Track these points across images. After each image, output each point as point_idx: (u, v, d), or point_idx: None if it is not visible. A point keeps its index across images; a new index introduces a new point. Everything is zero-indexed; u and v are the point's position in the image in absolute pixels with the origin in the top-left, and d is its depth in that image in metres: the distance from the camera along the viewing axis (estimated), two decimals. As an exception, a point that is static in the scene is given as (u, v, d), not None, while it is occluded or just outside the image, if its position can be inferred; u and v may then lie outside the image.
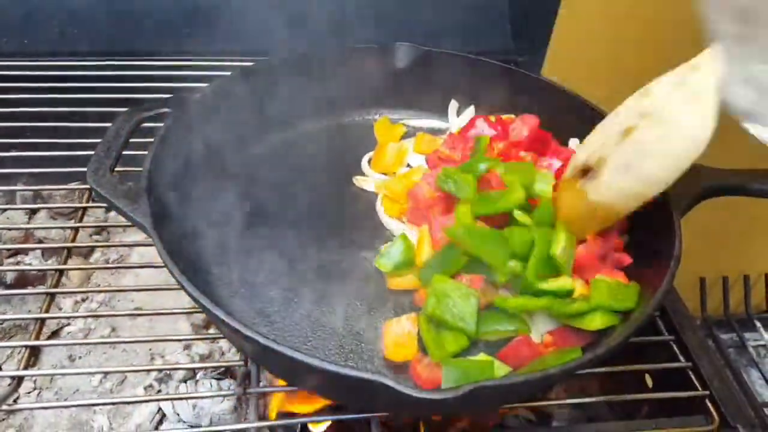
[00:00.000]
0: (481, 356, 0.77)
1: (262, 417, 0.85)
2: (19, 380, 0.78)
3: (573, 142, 1.10)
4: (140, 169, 0.83)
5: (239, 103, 1.05)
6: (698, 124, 0.72)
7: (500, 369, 0.74)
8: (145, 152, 0.85)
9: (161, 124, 0.91)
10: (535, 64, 1.40)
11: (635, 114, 0.78)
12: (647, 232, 0.88)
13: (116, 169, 0.84)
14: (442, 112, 1.22)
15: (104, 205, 1.22)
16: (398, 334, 0.81)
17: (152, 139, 0.88)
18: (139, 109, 0.94)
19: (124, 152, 0.88)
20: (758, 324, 2.05)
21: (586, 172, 0.83)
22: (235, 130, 1.05)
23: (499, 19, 1.41)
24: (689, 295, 1.09)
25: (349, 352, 0.81)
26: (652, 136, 0.76)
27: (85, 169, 1.07)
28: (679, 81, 0.75)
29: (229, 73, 1.09)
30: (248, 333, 0.63)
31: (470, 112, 1.21)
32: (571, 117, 1.08)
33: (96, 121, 1.19)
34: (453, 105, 1.22)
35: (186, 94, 0.98)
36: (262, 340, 0.63)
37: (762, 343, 2.05)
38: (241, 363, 0.84)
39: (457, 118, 1.21)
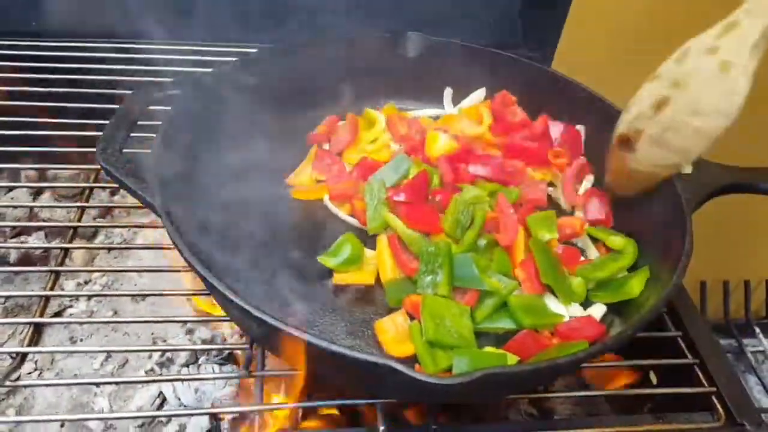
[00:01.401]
0: (491, 349, 0.77)
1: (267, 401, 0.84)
2: (22, 357, 0.78)
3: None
4: (149, 150, 0.83)
5: (247, 88, 1.04)
6: (727, 97, 0.73)
7: (511, 360, 0.74)
8: (154, 134, 0.85)
9: (169, 107, 0.91)
10: (545, 57, 1.40)
11: (669, 82, 0.79)
12: (658, 228, 0.88)
13: (124, 150, 0.84)
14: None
15: (110, 186, 1.23)
16: (394, 332, 0.79)
17: (160, 122, 0.87)
18: (147, 91, 0.93)
19: (132, 134, 0.88)
20: (757, 330, 2.05)
21: (625, 141, 0.86)
22: (243, 115, 1.04)
23: (509, 13, 1.40)
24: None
25: (357, 338, 0.81)
26: (682, 110, 0.78)
27: (90, 150, 1.07)
28: (712, 45, 0.73)
29: (236, 59, 1.08)
30: (258, 314, 0.63)
31: (480, 94, 1.20)
32: (581, 109, 1.09)
33: (102, 102, 1.19)
34: (448, 92, 1.22)
35: (194, 76, 0.98)
36: (271, 321, 0.63)
37: (761, 349, 2.04)
38: (246, 346, 0.83)
39: (453, 106, 1.22)
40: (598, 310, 0.86)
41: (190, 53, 1.31)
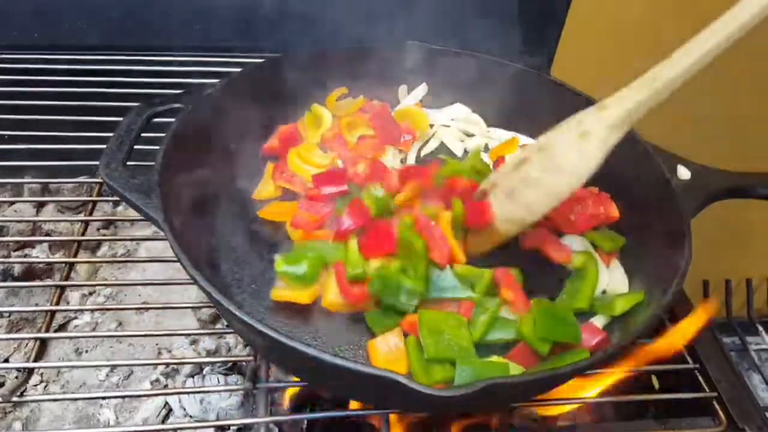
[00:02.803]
0: (495, 358, 0.77)
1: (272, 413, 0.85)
2: (29, 372, 0.79)
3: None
4: (152, 163, 0.83)
5: (250, 100, 1.05)
6: (580, 161, 0.78)
7: (513, 369, 0.74)
8: (157, 147, 0.86)
9: (173, 119, 0.91)
10: (544, 64, 1.41)
11: (534, 148, 0.84)
12: (658, 233, 0.88)
13: (128, 163, 0.84)
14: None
15: (114, 199, 1.23)
16: (386, 353, 0.77)
17: (164, 134, 0.88)
18: (151, 104, 0.94)
19: (135, 146, 0.88)
20: (760, 328, 2.05)
21: (481, 195, 0.89)
22: (246, 126, 1.05)
23: (508, 20, 1.41)
24: (692, 297, 1.10)
25: (361, 348, 0.81)
26: (539, 167, 0.81)
27: (93, 163, 1.07)
28: (579, 120, 0.80)
29: (240, 70, 1.09)
30: (262, 329, 0.64)
31: (422, 89, 1.21)
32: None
33: (104, 115, 1.19)
34: (402, 88, 1.23)
35: (198, 89, 0.99)
36: (275, 335, 0.63)
37: (764, 347, 2.04)
38: (251, 358, 0.84)
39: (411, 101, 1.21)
40: (599, 318, 0.86)
41: (196, 64, 1.32)
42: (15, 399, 0.75)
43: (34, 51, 1.33)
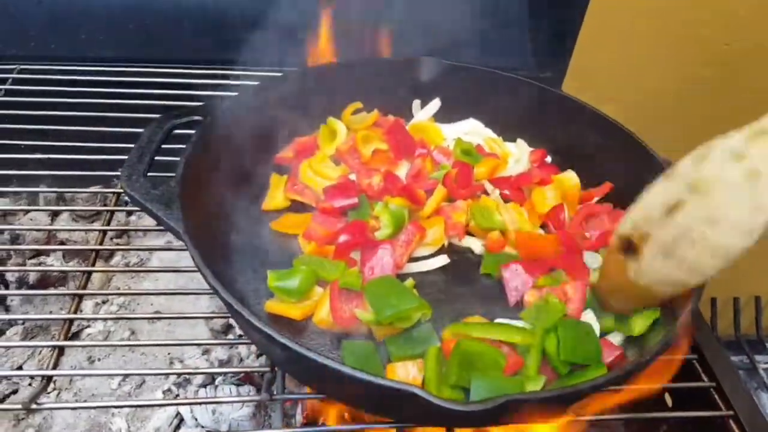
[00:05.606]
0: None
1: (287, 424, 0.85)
2: (48, 379, 0.79)
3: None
4: (172, 174, 0.84)
5: (267, 112, 1.06)
6: (751, 212, 0.62)
7: (533, 384, 0.74)
8: (176, 158, 0.86)
9: (192, 131, 0.92)
10: (557, 79, 1.42)
11: (685, 185, 0.68)
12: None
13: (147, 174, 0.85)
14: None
15: (129, 208, 1.24)
16: (403, 377, 0.76)
17: (182, 146, 0.89)
18: (171, 116, 0.95)
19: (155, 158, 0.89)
20: (769, 346, 2.04)
21: (628, 245, 0.75)
22: (263, 138, 1.06)
23: (521, 35, 1.42)
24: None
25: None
26: (699, 219, 0.66)
27: (108, 173, 1.09)
28: (740, 150, 0.62)
29: (258, 83, 1.10)
30: (282, 340, 0.64)
31: (436, 103, 1.22)
32: (593, 132, 1.10)
33: (117, 126, 1.20)
34: (416, 103, 1.24)
35: (217, 102, 1.00)
36: (295, 347, 0.64)
37: (774, 365, 2.02)
38: (266, 369, 0.84)
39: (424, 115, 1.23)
40: (616, 335, 0.86)
41: (215, 77, 1.33)
42: (34, 406, 0.75)
43: (52, 62, 1.34)
